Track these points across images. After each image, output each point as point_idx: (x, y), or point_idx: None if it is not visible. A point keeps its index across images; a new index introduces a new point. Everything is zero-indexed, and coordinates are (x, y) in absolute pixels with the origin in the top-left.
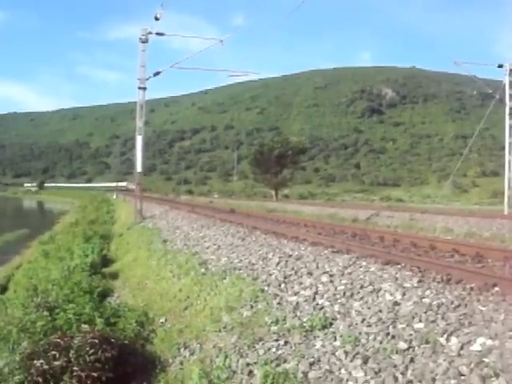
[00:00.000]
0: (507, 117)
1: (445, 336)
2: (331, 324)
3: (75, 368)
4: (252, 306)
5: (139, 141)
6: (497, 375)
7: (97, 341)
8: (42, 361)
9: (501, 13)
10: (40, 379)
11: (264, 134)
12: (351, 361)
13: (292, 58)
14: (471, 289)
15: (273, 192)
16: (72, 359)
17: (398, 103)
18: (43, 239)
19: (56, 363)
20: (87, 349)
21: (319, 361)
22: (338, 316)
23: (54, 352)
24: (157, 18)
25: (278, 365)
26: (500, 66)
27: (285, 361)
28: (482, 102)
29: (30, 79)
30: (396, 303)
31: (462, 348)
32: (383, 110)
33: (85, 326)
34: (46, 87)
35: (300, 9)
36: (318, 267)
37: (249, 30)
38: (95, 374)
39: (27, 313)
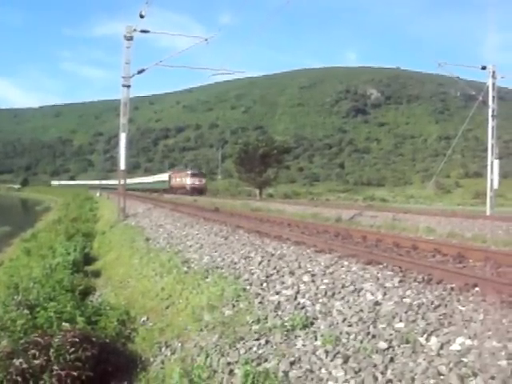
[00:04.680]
0: (490, 118)
1: (425, 336)
2: (312, 323)
3: (55, 367)
4: (234, 305)
5: (123, 138)
6: (475, 375)
7: (77, 339)
8: (21, 360)
9: (485, 15)
10: (19, 378)
11: (249, 133)
12: (332, 360)
13: (277, 57)
14: (452, 289)
15: (257, 191)
16: (52, 358)
17: (382, 103)
18: (25, 237)
19: (36, 362)
20: (67, 347)
21: (300, 360)
22: (319, 315)
23: (33, 351)
24: (142, 16)
25: (258, 364)
26: (483, 68)
27: (265, 360)
28: (466, 104)
29: (13, 75)
30: (377, 303)
31: (441, 348)
32: (368, 110)
33: (65, 325)
34: (30, 83)
35: (286, 8)
36: (300, 266)
37: (235, 28)
38: (75, 373)
39: (7, 311)
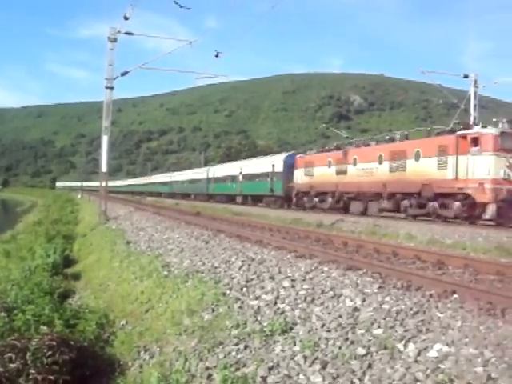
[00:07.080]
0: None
1: (403, 342)
2: (291, 329)
3: (32, 371)
4: (213, 310)
5: (105, 141)
6: (451, 381)
7: (55, 343)
8: None
9: (466, 24)
10: None
11: (232, 137)
12: (310, 366)
13: (262, 62)
14: (430, 295)
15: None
16: (29, 362)
17: (365, 110)
18: (4, 238)
19: (12, 366)
20: (45, 351)
21: (278, 365)
22: (299, 321)
23: (10, 354)
24: (126, 18)
25: (237, 369)
26: (466, 77)
27: (244, 365)
28: (448, 111)
29: None
30: (356, 309)
31: (419, 354)
32: (351, 116)
33: (43, 328)
34: (12, 83)
35: (271, 12)
36: (280, 272)
37: (220, 32)
38: (52, 377)
39: None
